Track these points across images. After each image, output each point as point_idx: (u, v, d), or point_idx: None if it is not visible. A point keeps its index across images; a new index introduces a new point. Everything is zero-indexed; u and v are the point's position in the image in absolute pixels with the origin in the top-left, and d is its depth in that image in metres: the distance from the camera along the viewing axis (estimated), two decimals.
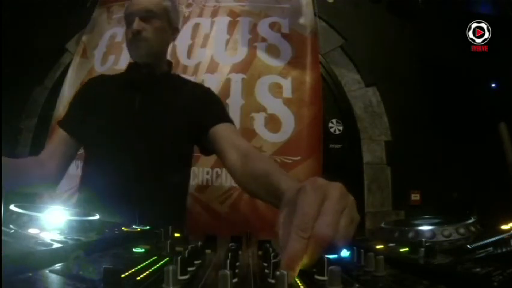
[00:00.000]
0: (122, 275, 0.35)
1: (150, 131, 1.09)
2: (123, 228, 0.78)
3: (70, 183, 2.00)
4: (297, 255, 0.39)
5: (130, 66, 1.17)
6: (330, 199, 0.43)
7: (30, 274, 0.35)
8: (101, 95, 1.15)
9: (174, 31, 1.21)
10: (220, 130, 1.06)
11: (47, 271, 0.37)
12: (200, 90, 1.23)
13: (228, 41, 2.16)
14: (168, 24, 1.16)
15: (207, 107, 1.14)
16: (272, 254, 0.46)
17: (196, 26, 2.22)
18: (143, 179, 1.06)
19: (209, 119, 1.09)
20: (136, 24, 1.06)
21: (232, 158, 0.98)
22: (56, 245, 0.45)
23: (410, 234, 0.78)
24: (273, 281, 0.37)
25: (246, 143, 1.08)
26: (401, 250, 0.56)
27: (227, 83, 2.03)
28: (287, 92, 2.01)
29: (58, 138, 1.12)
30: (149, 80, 1.13)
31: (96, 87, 1.20)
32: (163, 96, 1.14)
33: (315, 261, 0.40)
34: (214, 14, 2.26)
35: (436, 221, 0.85)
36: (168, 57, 1.23)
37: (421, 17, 2.38)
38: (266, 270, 0.43)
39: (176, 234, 0.78)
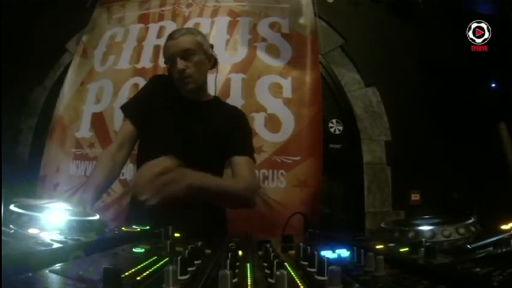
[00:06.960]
0: (122, 275, 0.35)
1: (192, 142, 1.24)
2: (123, 228, 0.78)
3: (70, 183, 2.00)
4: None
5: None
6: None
7: (30, 274, 0.35)
8: (162, 99, 1.31)
9: (210, 58, 1.34)
10: (235, 161, 1.25)
11: (47, 271, 0.37)
12: (233, 118, 1.36)
13: (228, 41, 2.16)
14: (205, 56, 1.30)
15: (233, 135, 1.29)
16: (272, 254, 0.46)
17: (196, 26, 2.22)
18: None
19: (231, 148, 1.27)
20: (179, 63, 1.21)
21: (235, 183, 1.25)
22: (56, 245, 0.45)
23: (410, 234, 0.78)
24: (273, 281, 0.37)
25: (243, 176, 1.24)
26: (401, 250, 0.56)
27: (227, 83, 2.03)
28: (287, 92, 2.01)
29: (124, 130, 1.29)
30: (195, 106, 1.31)
31: (160, 89, 1.33)
32: (203, 118, 1.30)
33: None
34: (214, 14, 2.27)
35: (436, 221, 0.85)
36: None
37: (421, 17, 2.38)
38: (266, 270, 0.43)
39: (176, 234, 0.78)
